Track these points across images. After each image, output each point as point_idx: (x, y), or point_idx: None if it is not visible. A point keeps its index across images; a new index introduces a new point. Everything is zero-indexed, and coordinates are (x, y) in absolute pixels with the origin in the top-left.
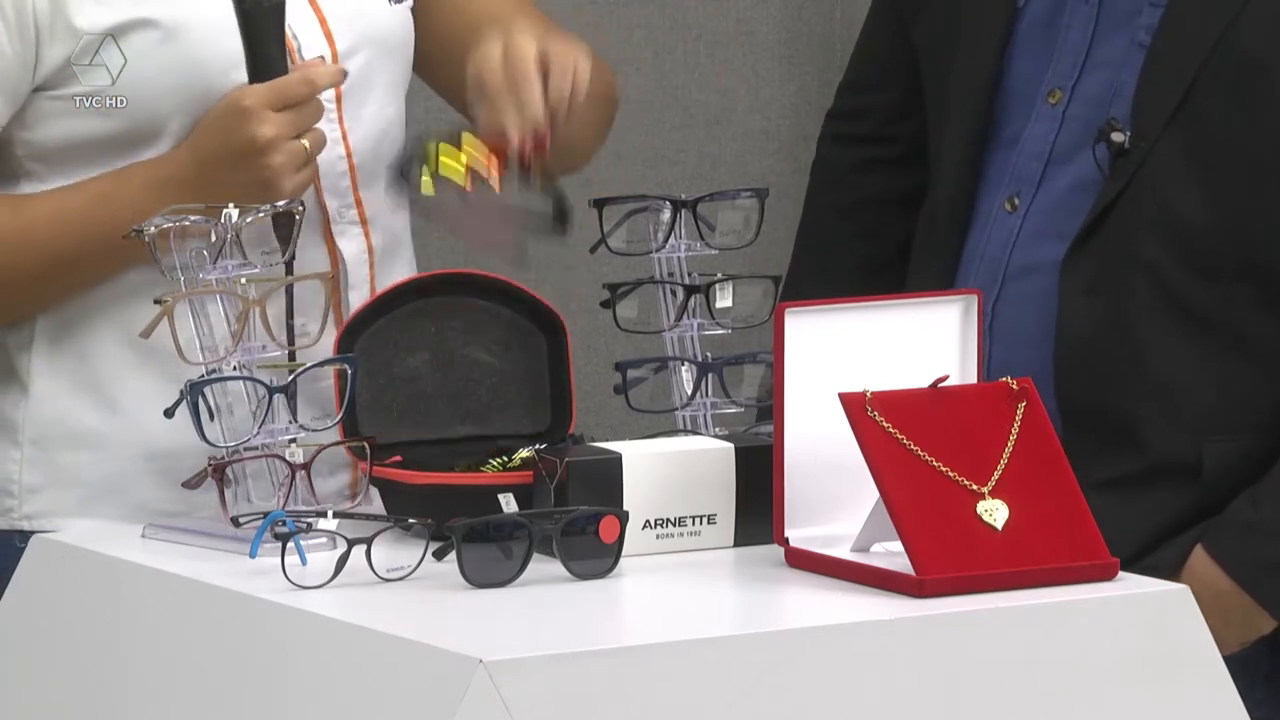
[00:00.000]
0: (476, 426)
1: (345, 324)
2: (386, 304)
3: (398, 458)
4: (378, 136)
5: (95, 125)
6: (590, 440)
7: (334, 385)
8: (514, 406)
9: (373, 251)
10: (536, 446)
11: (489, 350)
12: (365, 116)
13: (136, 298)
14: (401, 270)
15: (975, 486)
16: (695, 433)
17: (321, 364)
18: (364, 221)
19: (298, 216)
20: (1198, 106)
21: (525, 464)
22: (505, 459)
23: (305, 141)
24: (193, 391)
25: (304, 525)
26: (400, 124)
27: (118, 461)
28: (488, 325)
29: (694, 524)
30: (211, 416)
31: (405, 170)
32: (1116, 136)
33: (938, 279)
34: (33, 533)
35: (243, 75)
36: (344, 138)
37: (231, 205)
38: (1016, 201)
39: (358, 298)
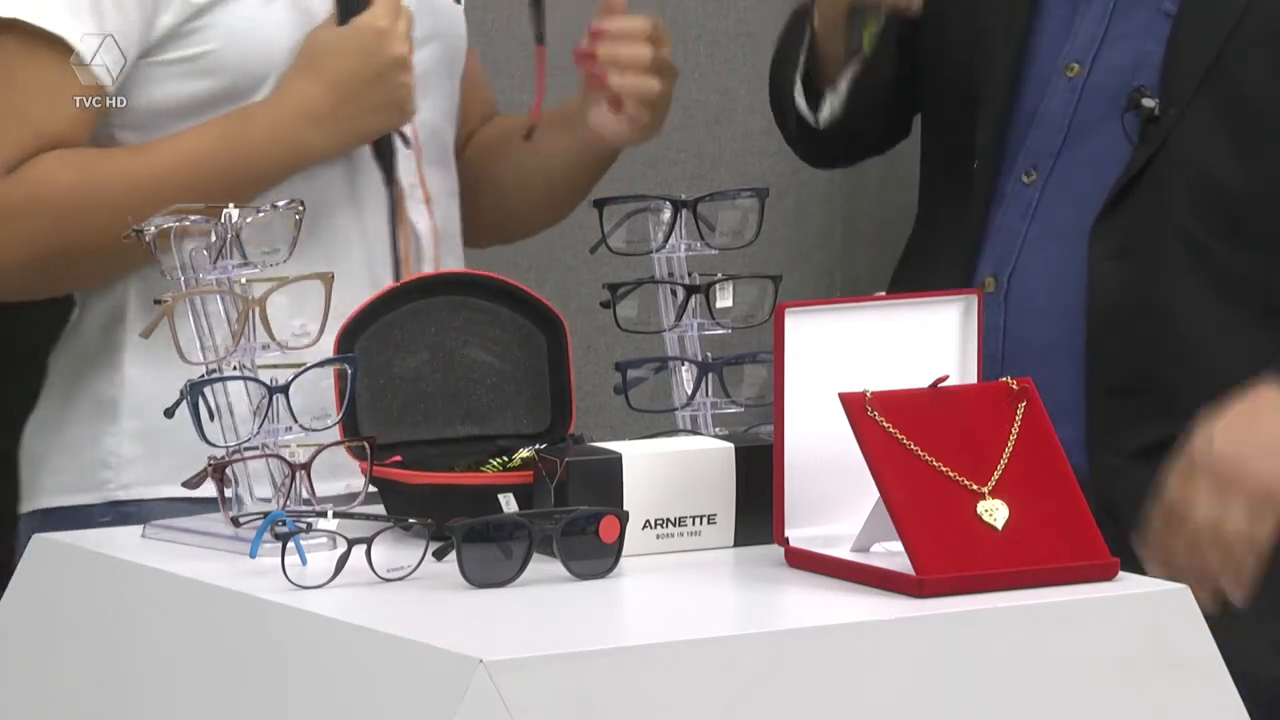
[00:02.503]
0: (477, 426)
1: (345, 324)
2: (386, 304)
3: (398, 458)
4: (441, 124)
5: (195, 87)
6: (590, 440)
7: (334, 385)
8: (514, 406)
9: (436, 231)
10: (536, 446)
11: (489, 350)
12: (426, 106)
13: None
14: (453, 257)
15: (975, 486)
16: (695, 433)
17: (321, 364)
18: (428, 200)
19: (298, 218)
20: (1229, 71)
21: (525, 464)
22: (505, 459)
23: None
24: (193, 391)
25: (304, 525)
26: (454, 118)
27: None
28: (488, 325)
29: (694, 524)
30: (211, 416)
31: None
32: (1147, 103)
33: (963, 254)
34: (130, 502)
35: None
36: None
37: (231, 205)
38: (1034, 174)
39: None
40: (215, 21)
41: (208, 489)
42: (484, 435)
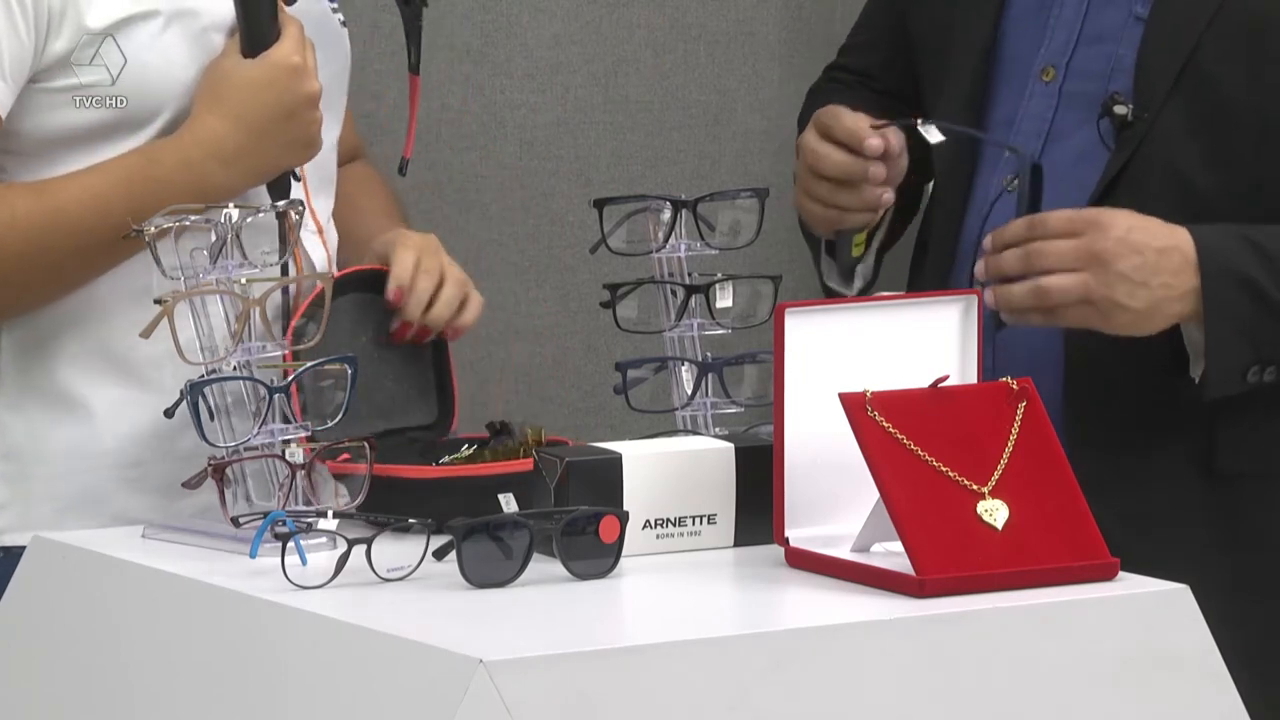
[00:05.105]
0: (385, 421)
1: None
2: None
3: (345, 455)
4: (327, 151)
5: (86, 117)
6: (514, 428)
7: (293, 390)
8: (410, 399)
9: (331, 260)
10: (468, 446)
11: (387, 344)
12: None
13: (107, 309)
14: None
15: (975, 486)
16: (695, 433)
17: (321, 363)
18: (320, 230)
19: (297, 217)
20: (1201, 72)
21: (473, 458)
22: (465, 451)
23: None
24: (193, 392)
25: (304, 525)
26: (336, 142)
27: (91, 473)
28: (384, 319)
29: (694, 524)
30: (211, 416)
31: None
32: (1119, 110)
33: (937, 264)
34: (6, 547)
35: None
36: None
37: (231, 205)
38: (1016, 181)
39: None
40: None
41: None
42: (393, 429)
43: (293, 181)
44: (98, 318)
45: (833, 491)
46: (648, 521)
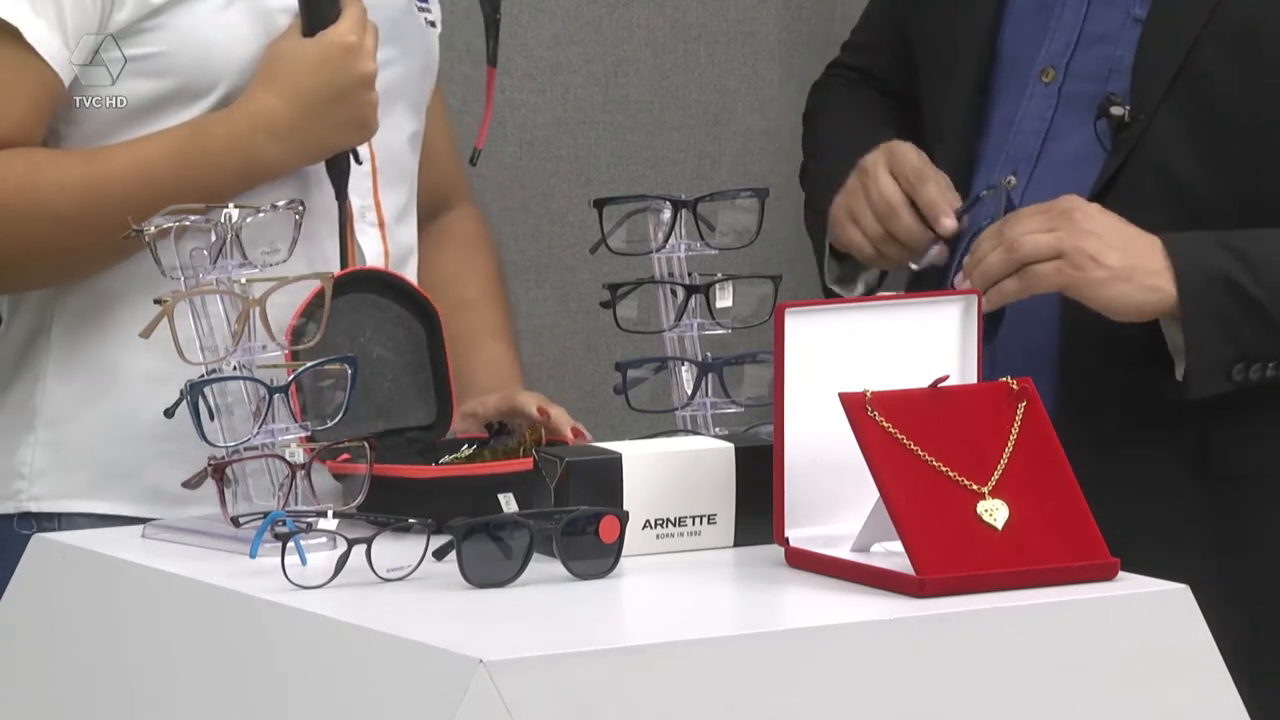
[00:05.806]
0: (386, 421)
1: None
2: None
3: (345, 455)
4: (400, 146)
5: (142, 87)
6: (514, 428)
7: (293, 394)
8: (409, 399)
9: (388, 255)
10: (468, 446)
11: (385, 345)
12: (388, 125)
13: (153, 283)
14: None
15: (975, 486)
16: (695, 433)
17: (321, 363)
18: (381, 224)
19: (297, 217)
20: (1197, 73)
21: (472, 459)
22: (465, 451)
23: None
24: (193, 391)
25: (304, 525)
26: (419, 140)
27: (128, 444)
28: (383, 320)
29: (694, 524)
30: (211, 416)
31: None
32: (1116, 111)
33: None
34: (41, 515)
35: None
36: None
37: (231, 205)
38: (1014, 179)
39: None
40: (170, 22)
41: (114, 505)
42: (393, 429)
43: (354, 165)
44: (145, 292)
45: (833, 491)
46: (648, 521)
